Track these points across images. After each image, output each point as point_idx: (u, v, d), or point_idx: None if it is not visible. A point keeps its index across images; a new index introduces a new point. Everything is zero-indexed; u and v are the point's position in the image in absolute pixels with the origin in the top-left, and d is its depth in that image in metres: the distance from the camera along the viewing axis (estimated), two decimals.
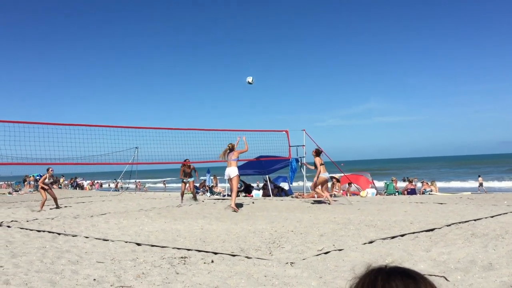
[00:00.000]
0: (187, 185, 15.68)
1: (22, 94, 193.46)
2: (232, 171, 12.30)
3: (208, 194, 25.20)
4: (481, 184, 30.17)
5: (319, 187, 13.39)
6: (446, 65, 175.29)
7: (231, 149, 12.51)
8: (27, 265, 5.37)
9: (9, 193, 28.37)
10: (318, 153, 13.67)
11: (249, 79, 14.09)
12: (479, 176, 33.22)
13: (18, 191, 29.81)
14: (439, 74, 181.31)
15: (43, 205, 13.57)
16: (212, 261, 5.39)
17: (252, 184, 23.09)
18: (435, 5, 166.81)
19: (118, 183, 32.70)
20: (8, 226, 9.29)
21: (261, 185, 23.23)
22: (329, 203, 12.96)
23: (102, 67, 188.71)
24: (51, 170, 14.06)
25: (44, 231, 8.35)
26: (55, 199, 14.06)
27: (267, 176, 21.01)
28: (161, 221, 9.86)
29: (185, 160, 15.41)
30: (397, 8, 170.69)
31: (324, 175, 13.40)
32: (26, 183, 34.41)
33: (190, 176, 15.71)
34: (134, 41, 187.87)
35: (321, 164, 13.46)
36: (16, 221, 10.43)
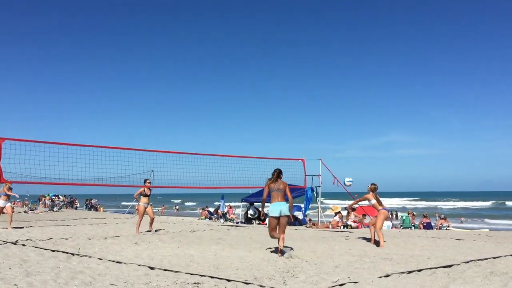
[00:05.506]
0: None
1: (43, 113, 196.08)
2: None
3: (222, 220, 25.12)
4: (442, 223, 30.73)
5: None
6: (469, 99, 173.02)
7: None
8: (41, 285, 5.38)
9: (25, 211, 28.57)
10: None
11: None
12: (436, 213, 33.27)
13: (33, 210, 30.03)
14: (462, 108, 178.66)
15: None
16: None
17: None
18: (459, 38, 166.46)
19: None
20: (23, 245, 9.34)
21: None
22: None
23: (121, 88, 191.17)
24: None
25: (58, 251, 8.38)
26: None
27: None
28: (175, 245, 9.83)
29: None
30: (418, 41, 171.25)
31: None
32: (41, 202, 34.78)
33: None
34: (156, 63, 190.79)
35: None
36: (31, 239, 10.49)
